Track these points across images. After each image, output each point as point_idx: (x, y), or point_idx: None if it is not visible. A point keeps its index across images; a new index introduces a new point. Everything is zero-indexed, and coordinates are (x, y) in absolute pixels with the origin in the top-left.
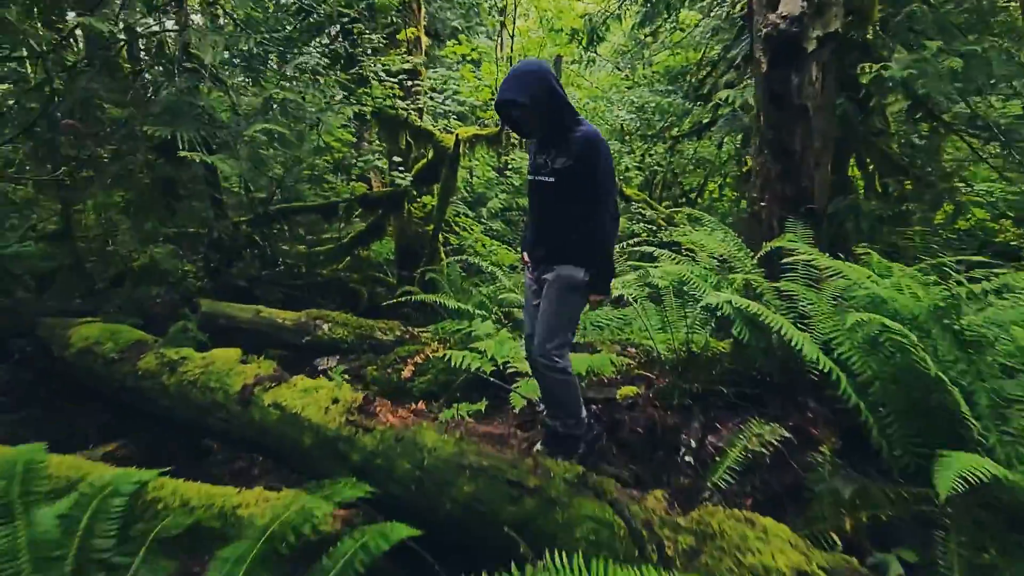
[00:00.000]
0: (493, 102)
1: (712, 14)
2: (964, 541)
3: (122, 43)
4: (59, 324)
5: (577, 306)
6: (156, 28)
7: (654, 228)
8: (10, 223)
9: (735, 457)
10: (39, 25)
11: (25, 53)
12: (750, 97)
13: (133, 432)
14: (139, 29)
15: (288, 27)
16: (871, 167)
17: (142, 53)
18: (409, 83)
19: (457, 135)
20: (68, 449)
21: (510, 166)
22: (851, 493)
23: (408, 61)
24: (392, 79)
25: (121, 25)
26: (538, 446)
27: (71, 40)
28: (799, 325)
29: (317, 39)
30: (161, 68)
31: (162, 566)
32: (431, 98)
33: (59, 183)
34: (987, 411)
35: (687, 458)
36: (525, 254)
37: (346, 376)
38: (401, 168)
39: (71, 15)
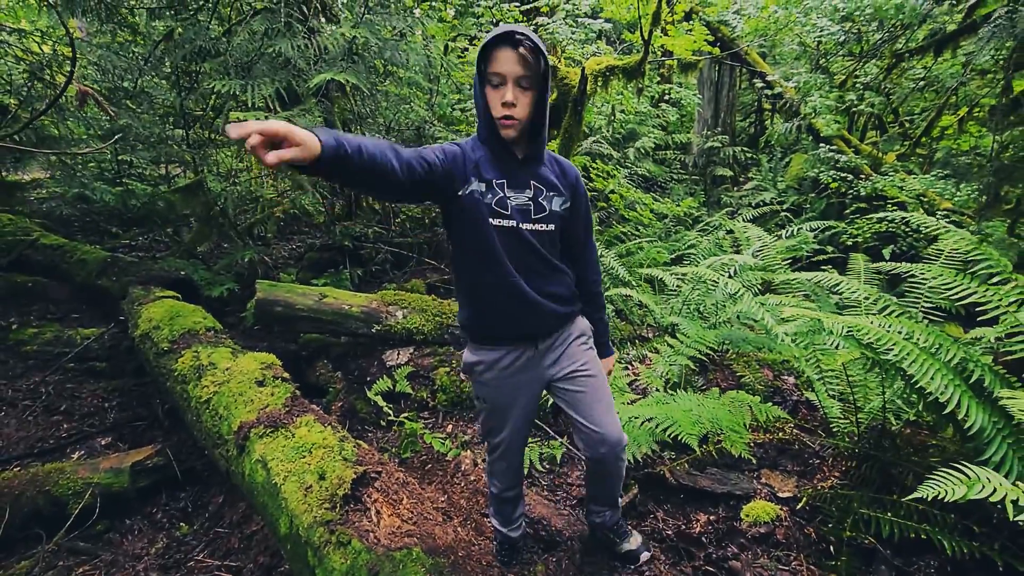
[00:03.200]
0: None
1: None
2: None
3: None
4: (140, 297)
5: None
6: None
7: (849, 179)
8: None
9: None
10: None
11: None
12: None
13: (181, 434)
14: None
15: None
16: None
17: None
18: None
19: (583, 69)
20: (133, 439)
21: (668, 96)
22: None
23: None
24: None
25: None
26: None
27: None
28: None
29: None
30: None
31: None
32: (566, 21)
33: (187, 141)
34: None
35: None
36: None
37: (410, 383)
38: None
39: None
